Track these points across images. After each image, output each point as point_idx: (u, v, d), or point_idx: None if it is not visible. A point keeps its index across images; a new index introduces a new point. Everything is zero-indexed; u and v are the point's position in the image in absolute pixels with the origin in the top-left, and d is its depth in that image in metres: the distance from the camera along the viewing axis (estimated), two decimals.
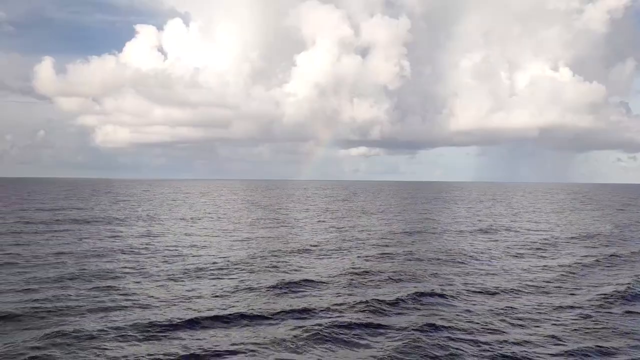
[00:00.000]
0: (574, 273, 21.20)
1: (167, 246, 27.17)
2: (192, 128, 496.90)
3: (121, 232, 33.71)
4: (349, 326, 13.55)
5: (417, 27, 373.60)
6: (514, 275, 20.77)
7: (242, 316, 14.33)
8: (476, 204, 78.85)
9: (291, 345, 12.16)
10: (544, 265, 22.98)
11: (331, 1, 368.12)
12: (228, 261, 22.76)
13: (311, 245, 27.93)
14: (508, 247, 28.60)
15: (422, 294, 16.82)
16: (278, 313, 14.61)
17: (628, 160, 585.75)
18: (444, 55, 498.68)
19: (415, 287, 18.04)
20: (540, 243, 30.34)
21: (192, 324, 13.59)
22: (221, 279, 19.29)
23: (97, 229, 35.23)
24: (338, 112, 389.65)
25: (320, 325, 13.47)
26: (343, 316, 14.43)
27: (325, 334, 12.87)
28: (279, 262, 22.78)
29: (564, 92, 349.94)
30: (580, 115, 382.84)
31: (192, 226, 38.29)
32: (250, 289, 17.52)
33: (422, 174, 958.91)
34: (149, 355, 11.47)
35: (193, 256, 24.13)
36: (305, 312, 14.78)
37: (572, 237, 33.60)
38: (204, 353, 11.62)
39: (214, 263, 22.23)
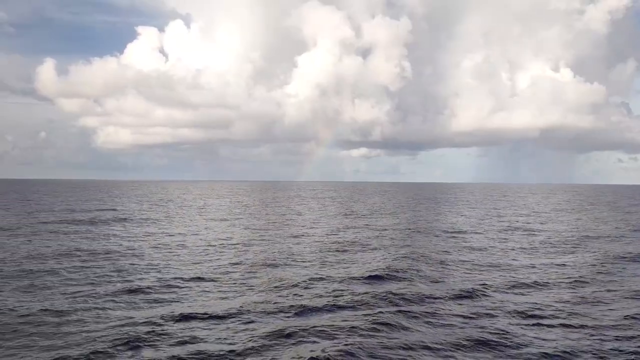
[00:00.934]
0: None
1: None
2: (193, 129, 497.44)
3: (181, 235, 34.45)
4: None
5: (418, 27, 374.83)
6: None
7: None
8: (501, 205, 79.45)
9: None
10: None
11: (332, 2, 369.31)
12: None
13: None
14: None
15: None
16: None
17: (629, 160, 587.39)
18: (444, 56, 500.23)
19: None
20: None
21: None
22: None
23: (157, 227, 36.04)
24: (339, 112, 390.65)
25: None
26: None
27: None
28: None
29: (564, 92, 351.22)
30: (581, 115, 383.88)
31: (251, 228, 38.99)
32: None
33: (422, 175, 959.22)
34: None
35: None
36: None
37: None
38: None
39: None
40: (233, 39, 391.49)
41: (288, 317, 14.45)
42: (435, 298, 16.68)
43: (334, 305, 15.57)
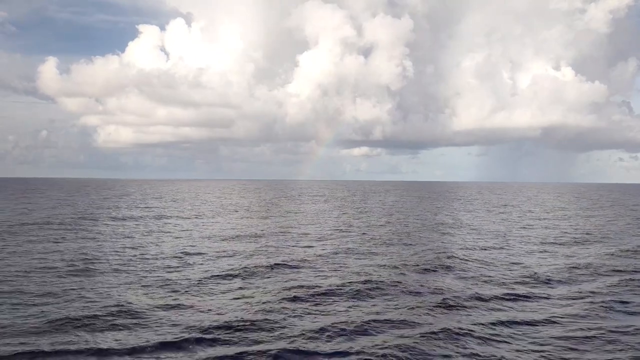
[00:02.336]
0: None
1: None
2: (194, 128, 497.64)
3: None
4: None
5: (419, 27, 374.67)
6: None
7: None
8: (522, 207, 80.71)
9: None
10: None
11: (334, 1, 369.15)
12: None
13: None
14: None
15: None
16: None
17: (630, 159, 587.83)
18: (446, 55, 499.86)
19: None
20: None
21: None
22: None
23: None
24: (340, 112, 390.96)
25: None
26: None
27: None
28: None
29: (565, 91, 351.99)
30: (582, 114, 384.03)
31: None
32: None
33: (423, 174, 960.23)
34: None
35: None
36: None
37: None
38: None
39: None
40: (234, 38, 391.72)
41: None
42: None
43: None
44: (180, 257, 23.64)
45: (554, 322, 14.22)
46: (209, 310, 14.90)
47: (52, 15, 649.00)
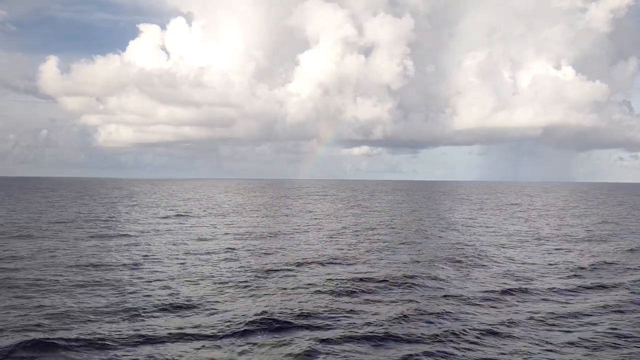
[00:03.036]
0: None
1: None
2: (195, 127, 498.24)
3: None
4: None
5: (420, 26, 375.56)
6: None
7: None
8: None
9: None
10: None
11: (335, 0, 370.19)
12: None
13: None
14: None
15: None
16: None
17: (630, 159, 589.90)
18: (447, 54, 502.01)
19: None
20: None
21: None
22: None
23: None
24: (341, 111, 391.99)
25: None
26: None
27: None
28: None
29: (566, 90, 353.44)
30: (583, 113, 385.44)
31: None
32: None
33: (423, 173, 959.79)
34: None
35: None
36: None
37: None
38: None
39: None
40: (235, 37, 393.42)
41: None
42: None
43: None
44: (230, 252, 25.17)
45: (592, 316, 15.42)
46: (275, 299, 16.21)
47: (52, 14, 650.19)
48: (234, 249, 26.33)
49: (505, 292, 17.64)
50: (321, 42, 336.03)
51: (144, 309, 14.92)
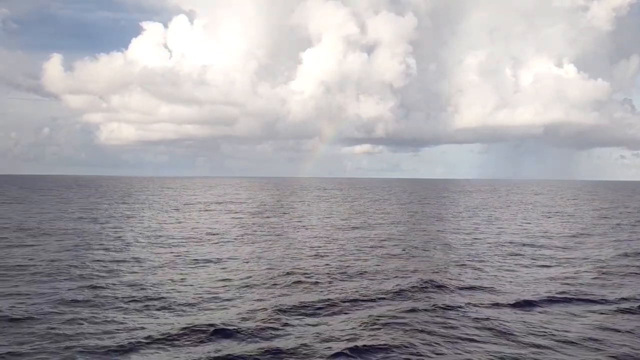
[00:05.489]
0: None
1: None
2: (197, 125, 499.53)
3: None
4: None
5: (422, 24, 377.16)
6: None
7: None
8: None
9: None
10: None
11: None
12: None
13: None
14: None
15: None
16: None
17: (631, 157, 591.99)
18: (448, 53, 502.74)
19: None
20: None
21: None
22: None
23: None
24: (343, 109, 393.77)
25: None
26: None
27: None
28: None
29: (568, 89, 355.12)
30: (585, 112, 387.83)
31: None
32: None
33: (424, 172, 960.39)
34: None
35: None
36: None
37: None
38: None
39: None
40: (237, 36, 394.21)
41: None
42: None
43: None
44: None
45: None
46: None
47: (54, 13, 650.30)
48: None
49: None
50: (323, 41, 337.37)
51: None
